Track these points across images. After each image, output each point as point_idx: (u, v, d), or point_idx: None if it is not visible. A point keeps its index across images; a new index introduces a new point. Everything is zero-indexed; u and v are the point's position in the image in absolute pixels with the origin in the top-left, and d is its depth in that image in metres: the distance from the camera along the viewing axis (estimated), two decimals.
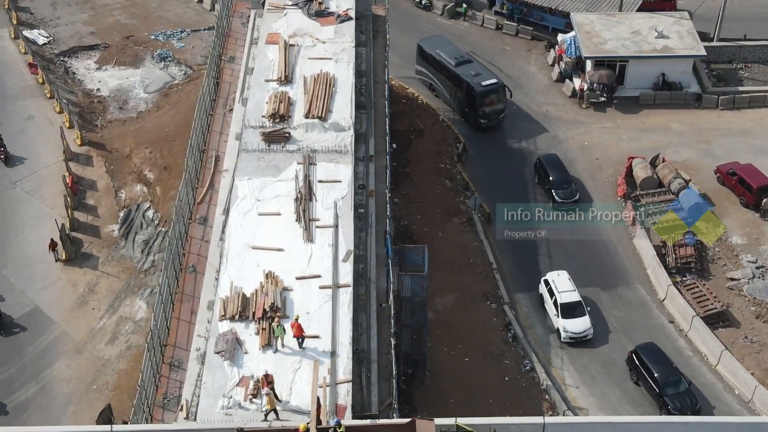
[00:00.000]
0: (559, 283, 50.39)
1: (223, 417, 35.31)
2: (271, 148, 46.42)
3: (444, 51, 64.12)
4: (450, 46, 65.24)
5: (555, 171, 57.85)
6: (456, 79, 62.70)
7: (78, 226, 54.57)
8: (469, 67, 62.99)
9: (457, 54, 63.82)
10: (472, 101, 61.66)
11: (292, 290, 39.80)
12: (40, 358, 48.01)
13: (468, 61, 63.60)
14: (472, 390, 46.53)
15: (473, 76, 61.86)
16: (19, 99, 64.38)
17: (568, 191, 56.97)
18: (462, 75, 62.30)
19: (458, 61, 63.02)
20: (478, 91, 61.06)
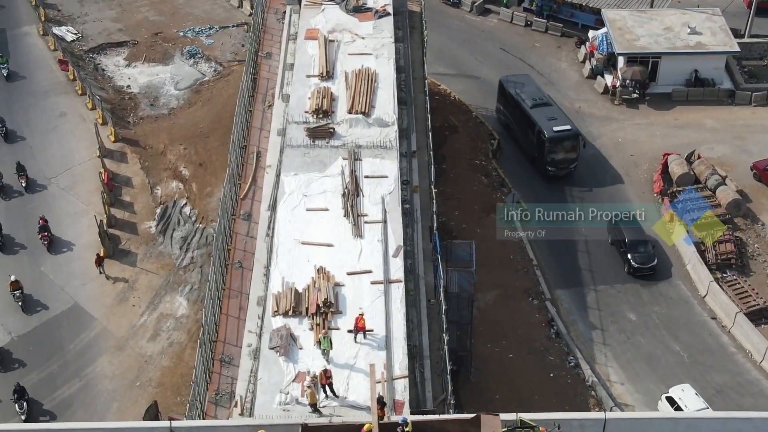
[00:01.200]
0: (687, 400, 43.69)
1: (281, 413, 35.12)
2: (315, 143, 46.25)
3: (523, 90, 60.32)
4: (532, 86, 61.45)
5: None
6: (529, 122, 58.82)
7: (115, 223, 54.37)
8: (545, 110, 58.85)
9: (537, 95, 59.93)
10: (540, 146, 57.80)
11: (343, 286, 39.58)
12: (82, 354, 47.82)
13: (546, 103, 59.46)
14: (517, 387, 46.34)
15: (546, 120, 57.78)
16: (50, 96, 64.15)
17: (645, 255, 52.35)
18: (535, 117, 58.32)
19: (535, 103, 59.06)
20: (547, 137, 57.04)
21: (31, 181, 56.58)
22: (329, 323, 37.96)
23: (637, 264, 51.91)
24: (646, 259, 52.13)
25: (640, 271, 51.98)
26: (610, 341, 49.09)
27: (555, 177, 57.93)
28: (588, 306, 50.94)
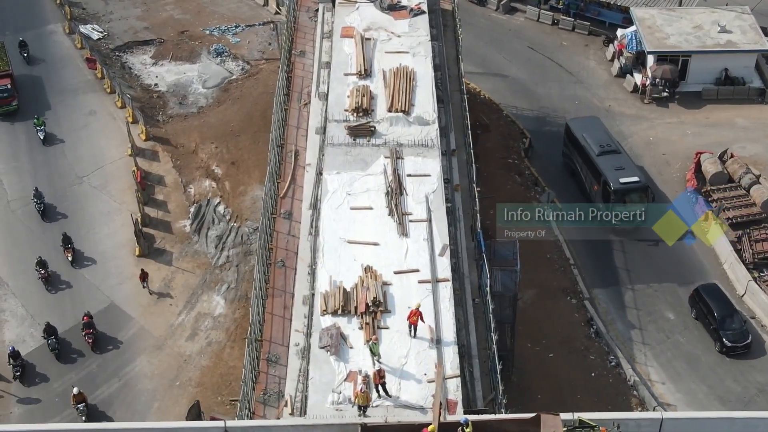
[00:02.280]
0: None
1: (334, 413, 34.91)
2: (356, 142, 46.04)
3: (590, 135, 56.82)
4: (599, 130, 57.98)
5: (719, 304, 49.23)
6: (595, 170, 55.41)
7: (149, 222, 54.15)
8: (613, 158, 55.40)
9: (605, 141, 56.45)
10: (606, 198, 54.09)
11: (391, 285, 39.38)
12: (120, 354, 47.66)
13: (614, 151, 55.94)
14: (559, 386, 46.15)
15: (613, 170, 54.36)
16: (78, 94, 63.93)
17: (739, 332, 48.30)
18: (601, 166, 54.95)
19: (602, 150, 55.61)
20: (614, 188, 53.51)
21: None
22: (378, 322, 37.78)
23: (730, 343, 47.86)
24: (740, 336, 48.14)
25: (734, 350, 47.98)
26: (649, 340, 48.89)
27: (622, 229, 53.71)
28: (626, 305, 50.75)
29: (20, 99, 62.55)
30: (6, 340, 48.38)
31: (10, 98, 61.82)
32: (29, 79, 65.41)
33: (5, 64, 63.65)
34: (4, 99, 61.73)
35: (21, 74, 65.19)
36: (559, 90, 65.59)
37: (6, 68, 63.29)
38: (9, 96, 61.83)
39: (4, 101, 61.70)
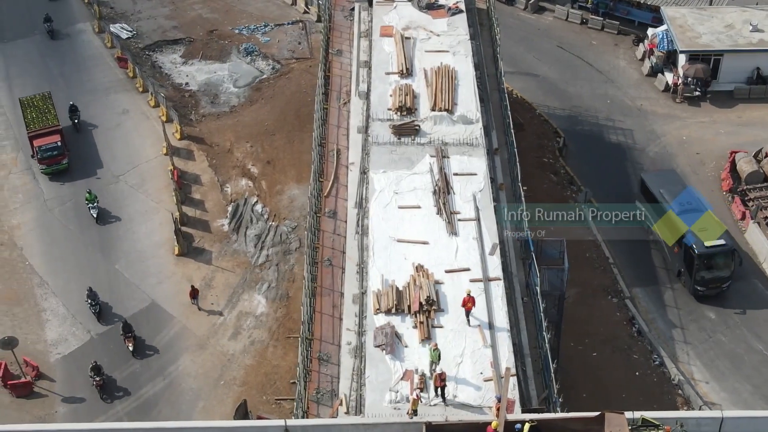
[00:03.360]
0: None
1: (392, 411, 34.87)
2: (401, 140, 45.99)
3: (669, 191, 52.68)
4: (678, 185, 53.97)
5: None
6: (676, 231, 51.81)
7: (187, 221, 54.11)
8: (696, 217, 51.43)
9: (685, 198, 52.56)
10: (689, 262, 50.49)
11: (443, 283, 39.33)
12: (163, 353, 47.61)
13: (696, 209, 51.75)
14: (604, 385, 46.10)
15: (697, 231, 50.64)
16: (110, 93, 63.95)
17: None
18: None
19: (683, 209, 51.57)
20: (698, 252, 49.81)
21: None
22: (432, 321, 37.73)
23: None
24: None
25: None
26: (691, 340, 48.83)
27: (705, 297, 50.89)
28: (665, 304, 50.68)
29: (71, 157, 58.31)
30: (48, 339, 48.35)
31: (60, 156, 57.34)
32: (77, 138, 60.76)
33: (53, 117, 59.00)
34: (53, 157, 57.29)
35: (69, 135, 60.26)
36: (590, 89, 65.55)
37: (54, 123, 58.63)
38: (59, 154, 57.34)
39: (54, 160, 57.23)
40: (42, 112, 58.89)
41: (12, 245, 53.01)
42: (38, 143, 57.18)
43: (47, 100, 60.06)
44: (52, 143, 57.13)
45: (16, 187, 56.74)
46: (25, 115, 58.90)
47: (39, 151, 56.98)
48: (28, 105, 59.62)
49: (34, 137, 57.63)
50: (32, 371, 46.45)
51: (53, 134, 57.76)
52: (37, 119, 58.53)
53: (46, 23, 68.18)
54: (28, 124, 58.29)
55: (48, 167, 57.08)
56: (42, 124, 58.08)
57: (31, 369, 46.49)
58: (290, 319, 49.05)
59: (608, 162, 59.66)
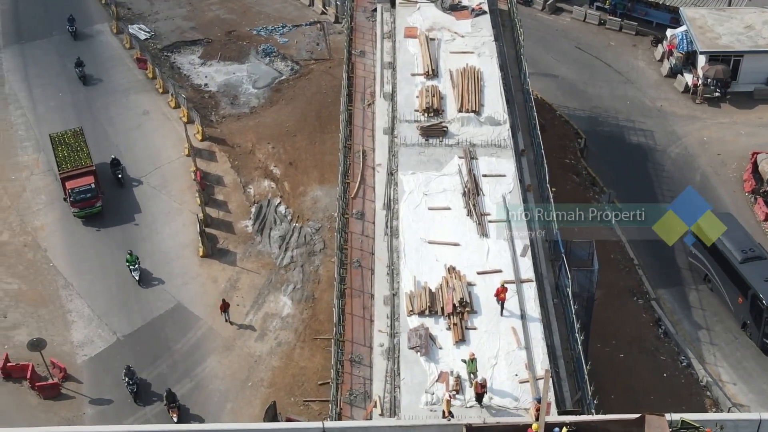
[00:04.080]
0: None
1: (428, 413, 34.83)
2: (429, 142, 45.95)
3: (728, 238, 48.71)
4: (738, 231, 50.47)
5: None
6: (738, 280, 48.74)
7: (211, 222, 54.06)
8: (760, 266, 48.43)
9: (746, 245, 49.47)
10: (757, 314, 47.62)
11: (475, 285, 39.28)
12: (190, 354, 47.57)
13: (759, 257, 48.97)
14: (632, 387, 46.06)
15: (763, 282, 47.66)
16: (130, 94, 63.94)
17: None
18: (747, 277, 48.11)
19: (745, 257, 48.75)
20: (767, 305, 47.21)
21: None
22: (466, 323, 37.69)
23: None
24: None
25: None
26: (717, 341, 48.80)
27: None
28: (691, 305, 50.66)
29: (105, 198, 55.25)
30: (74, 340, 48.34)
31: (94, 199, 53.98)
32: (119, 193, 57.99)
33: (86, 156, 55.28)
34: (87, 200, 53.99)
35: None
36: (609, 90, 65.54)
37: (87, 162, 55.00)
38: (93, 196, 53.94)
39: (88, 202, 53.93)
40: (74, 150, 55.41)
41: (36, 247, 52.98)
42: (71, 185, 53.64)
43: (79, 136, 56.62)
44: (86, 185, 53.68)
45: (38, 189, 56.69)
46: (56, 154, 55.53)
47: (72, 193, 53.57)
48: (59, 142, 56.14)
49: (66, 178, 54.08)
50: (59, 373, 46.43)
51: (87, 175, 54.21)
52: (69, 158, 54.91)
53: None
54: (60, 163, 54.92)
55: (81, 210, 53.82)
56: (74, 164, 54.48)
57: (58, 370, 46.47)
58: (316, 320, 49.04)
59: (630, 163, 59.66)
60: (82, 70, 64.01)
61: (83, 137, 56.48)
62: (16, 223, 54.40)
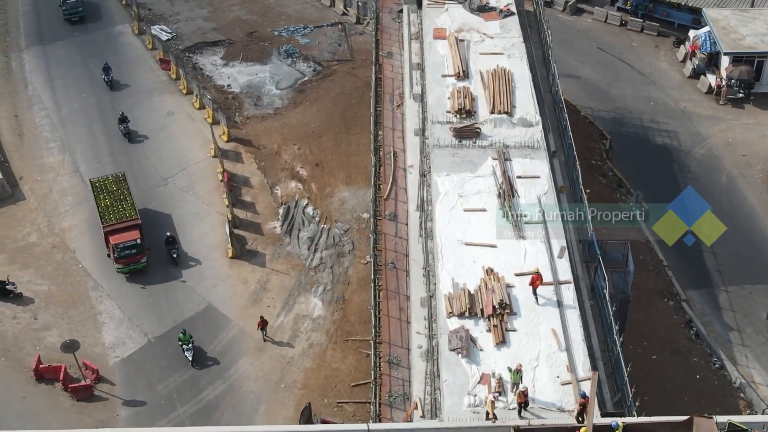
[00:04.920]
0: None
1: (471, 415, 34.79)
2: (462, 143, 45.89)
3: None
4: None
5: None
6: None
7: (239, 223, 53.99)
8: None
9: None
10: None
11: (513, 287, 39.23)
12: (222, 356, 47.53)
13: None
14: (665, 388, 45.96)
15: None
16: (154, 95, 63.92)
17: None
18: None
19: None
20: None
21: None
22: (506, 325, 37.64)
23: None
24: None
25: None
26: (749, 342, 48.75)
27: None
28: (721, 306, 50.62)
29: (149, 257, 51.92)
30: (106, 342, 48.30)
31: (139, 255, 50.71)
32: None
33: (130, 207, 51.83)
34: (132, 257, 50.77)
35: None
36: (632, 91, 65.50)
37: (132, 214, 51.57)
38: (138, 252, 50.70)
39: (132, 259, 50.71)
40: (117, 199, 52.04)
41: (65, 248, 52.95)
42: (115, 240, 50.16)
43: (121, 183, 53.16)
44: (131, 241, 50.21)
45: (65, 190, 56.65)
46: (98, 203, 52.09)
47: (116, 249, 50.21)
48: (101, 189, 52.81)
49: (110, 232, 50.67)
50: (92, 374, 46.38)
51: (132, 229, 50.68)
52: (112, 209, 51.48)
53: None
54: (102, 214, 51.41)
55: (125, 267, 50.63)
56: (118, 216, 51.14)
57: (90, 372, 46.42)
58: (347, 321, 49.01)
59: (655, 164, 59.62)
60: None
61: (126, 183, 53.34)
62: (44, 224, 54.36)
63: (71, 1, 71.30)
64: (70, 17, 71.12)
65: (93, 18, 71.20)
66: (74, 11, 71.21)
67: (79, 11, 71.35)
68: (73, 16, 71.19)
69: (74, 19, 71.15)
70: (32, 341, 48.09)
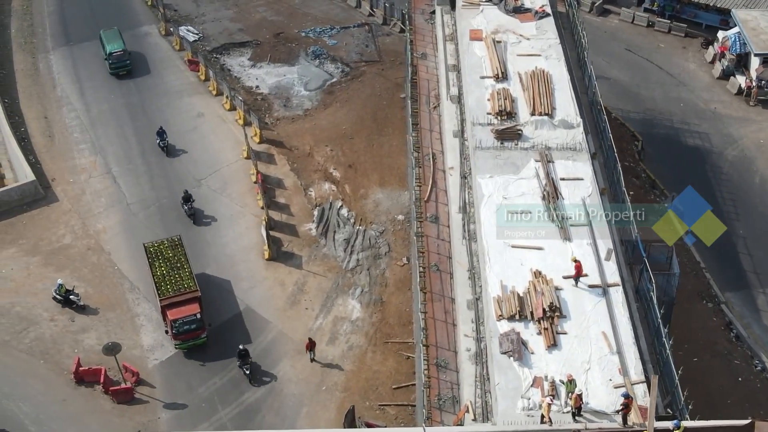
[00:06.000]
0: None
1: (525, 418, 34.67)
2: (504, 145, 45.73)
3: None
4: None
5: None
6: None
7: (274, 225, 53.82)
8: None
9: None
10: None
11: (562, 289, 39.09)
12: (262, 358, 47.37)
13: None
14: (707, 391, 45.76)
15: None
16: (183, 96, 63.75)
17: None
18: None
19: None
20: None
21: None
22: (556, 327, 37.51)
23: None
24: None
25: None
26: None
27: None
28: (759, 309, 50.51)
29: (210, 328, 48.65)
30: (144, 344, 48.17)
31: (199, 330, 47.37)
32: None
33: (188, 277, 47.84)
34: (191, 332, 47.22)
35: None
36: (662, 92, 65.36)
37: (191, 286, 47.62)
38: (198, 328, 47.26)
39: (192, 334, 47.19)
40: (173, 267, 48.34)
41: (99, 250, 52.79)
42: (173, 315, 46.53)
43: (177, 248, 49.37)
44: (191, 316, 46.63)
45: (98, 191, 56.47)
46: (153, 270, 48.30)
47: (175, 325, 46.78)
48: (156, 255, 49.05)
49: (167, 306, 47.05)
50: (132, 377, 46.24)
51: (191, 302, 47.06)
52: (169, 280, 47.75)
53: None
54: (159, 285, 47.64)
55: (183, 343, 47.27)
56: (176, 289, 47.34)
57: (130, 375, 46.28)
58: (386, 324, 48.89)
59: (687, 166, 59.50)
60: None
61: (182, 248, 49.36)
62: (78, 226, 54.21)
63: (117, 53, 64.91)
64: (117, 71, 64.88)
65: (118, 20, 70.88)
66: (121, 64, 64.87)
67: (127, 64, 65.09)
68: (120, 69, 64.87)
69: (121, 72, 65.00)
70: (70, 344, 47.95)
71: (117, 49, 65.05)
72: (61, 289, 49.10)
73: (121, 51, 65.14)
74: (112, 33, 66.42)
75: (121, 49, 65.13)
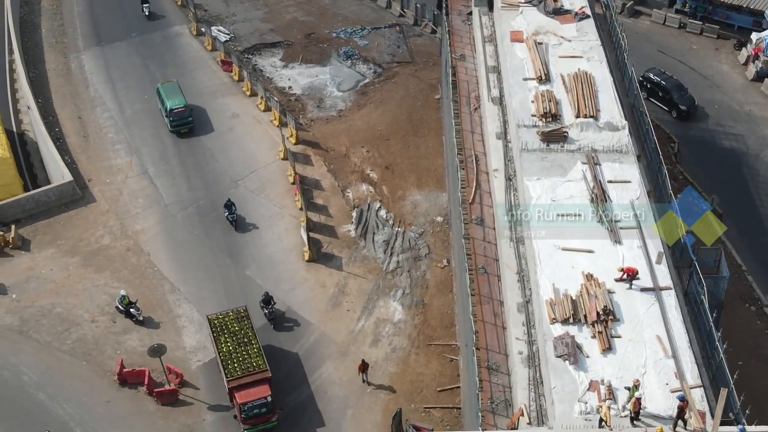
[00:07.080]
0: None
1: (583, 422, 34.53)
2: (550, 147, 45.57)
3: None
4: None
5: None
6: None
7: (313, 226, 53.70)
8: None
9: None
10: None
11: (614, 293, 38.95)
12: (305, 360, 47.30)
13: None
14: (755, 396, 45.07)
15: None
16: (217, 96, 63.64)
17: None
18: None
19: None
20: None
21: None
22: (610, 331, 37.36)
23: None
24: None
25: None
26: None
27: None
28: None
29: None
30: (187, 346, 48.09)
31: (270, 414, 44.09)
32: None
33: (257, 355, 44.70)
34: (261, 416, 43.91)
35: None
36: (696, 94, 65.04)
37: (261, 365, 44.32)
38: (268, 411, 43.96)
39: (262, 418, 43.97)
40: (241, 343, 45.14)
41: (139, 251, 52.71)
42: (242, 399, 43.39)
43: (244, 320, 46.22)
44: (261, 399, 43.52)
45: (135, 192, 56.40)
46: (219, 347, 45.14)
47: (244, 409, 43.55)
48: (221, 329, 45.89)
49: (235, 388, 43.85)
50: (176, 378, 46.16)
51: (261, 383, 43.83)
52: (237, 358, 44.51)
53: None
54: (226, 364, 44.38)
55: (253, 428, 44.27)
56: (245, 368, 44.16)
57: (174, 376, 46.20)
58: (428, 326, 48.78)
59: (724, 167, 59.35)
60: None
61: (249, 320, 46.25)
62: (116, 227, 54.14)
63: (178, 110, 59.33)
64: (178, 129, 59.75)
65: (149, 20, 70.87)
66: (183, 122, 59.77)
67: (189, 122, 59.94)
68: (181, 127, 59.78)
69: (183, 131, 59.98)
70: (112, 345, 47.89)
71: (178, 106, 59.48)
72: (124, 300, 48.81)
73: (183, 107, 59.58)
74: (172, 87, 61.01)
75: (182, 106, 59.55)
